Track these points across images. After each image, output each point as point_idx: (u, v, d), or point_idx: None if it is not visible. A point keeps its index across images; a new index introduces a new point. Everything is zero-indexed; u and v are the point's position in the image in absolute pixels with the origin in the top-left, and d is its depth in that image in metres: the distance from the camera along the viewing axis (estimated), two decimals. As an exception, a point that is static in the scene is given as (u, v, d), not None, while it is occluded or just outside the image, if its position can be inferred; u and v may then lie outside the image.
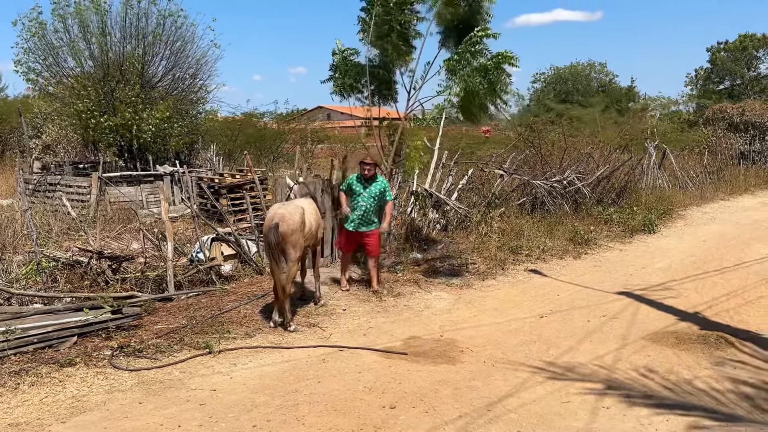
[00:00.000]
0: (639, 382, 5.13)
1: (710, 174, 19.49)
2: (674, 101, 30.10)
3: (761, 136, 24.66)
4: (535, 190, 12.86)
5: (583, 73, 33.14)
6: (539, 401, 4.81)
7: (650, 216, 12.96)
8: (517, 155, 14.23)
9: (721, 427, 4.33)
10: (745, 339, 6.17)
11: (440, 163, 11.66)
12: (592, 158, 14.72)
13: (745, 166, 21.94)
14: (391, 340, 6.25)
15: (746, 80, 36.77)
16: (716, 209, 15.94)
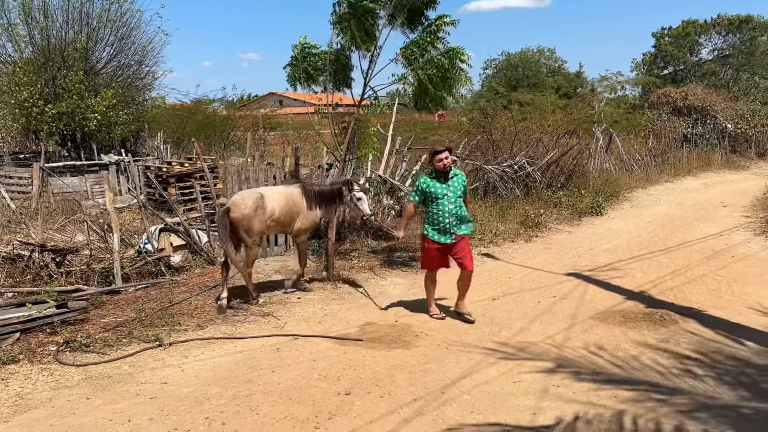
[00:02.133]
0: (588, 360, 5.28)
1: (655, 157, 20.12)
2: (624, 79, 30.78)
3: (703, 120, 25.59)
4: (488, 175, 13.02)
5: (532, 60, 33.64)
6: (492, 382, 4.89)
7: (598, 199, 13.31)
8: (470, 141, 14.35)
9: (664, 400, 4.49)
10: (688, 316, 6.41)
11: (394, 150, 11.66)
12: (542, 143, 14.98)
13: (688, 149, 22.73)
14: (347, 327, 6.24)
15: (689, 65, 37.95)
16: (661, 191, 16.48)
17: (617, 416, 4.23)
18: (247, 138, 13.07)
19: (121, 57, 17.51)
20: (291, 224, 7.04)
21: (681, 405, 4.40)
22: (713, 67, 36.86)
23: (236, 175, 8.27)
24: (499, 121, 16.29)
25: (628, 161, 18.66)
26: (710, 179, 19.03)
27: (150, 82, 18.90)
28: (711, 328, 6.03)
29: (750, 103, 28.84)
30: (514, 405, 4.47)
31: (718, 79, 35.79)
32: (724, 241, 9.98)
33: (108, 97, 15.61)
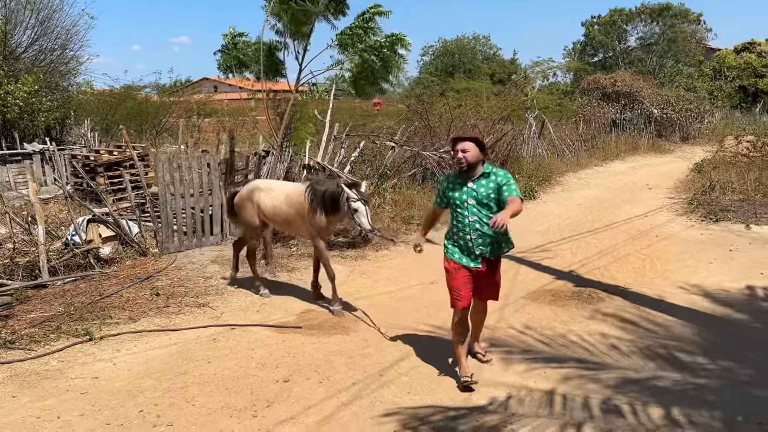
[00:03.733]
0: (519, 339, 5.46)
1: (585, 142, 20.78)
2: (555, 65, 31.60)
3: (631, 105, 26.58)
4: (425, 161, 13.15)
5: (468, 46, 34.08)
6: (430, 363, 5.00)
7: (531, 183, 13.69)
8: (407, 127, 14.45)
9: (591, 375, 4.71)
10: (614, 293, 6.72)
11: (332, 136, 11.61)
12: (477, 129, 15.23)
13: (616, 133, 23.57)
14: (286, 315, 6.22)
15: (617, 52, 39.31)
16: (590, 175, 17.07)
17: (548, 394, 4.41)
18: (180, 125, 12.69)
19: (43, 41, 16.67)
20: (294, 226, 6.46)
21: (607, 380, 4.63)
22: (640, 54, 38.30)
23: (167, 163, 8.05)
24: (436, 107, 16.44)
25: (560, 146, 19.22)
26: (637, 162, 19.82)
27: (75, 67, 18.08)
28: (635, 304, 6.34)
29: (675, 89, 30.15)
30: (449, 385, 4.59)
31: (645, 65, 37.21)
32: (649, 222, 10.47)
33: (29, 83, 14.83)
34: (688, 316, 5.94)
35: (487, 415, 4.08)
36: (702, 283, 6.96)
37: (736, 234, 9.32)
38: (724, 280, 7.05)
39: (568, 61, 37.83)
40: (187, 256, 7.99)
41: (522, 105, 19.19)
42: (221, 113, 25.38)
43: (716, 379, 4.61)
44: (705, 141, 25.14)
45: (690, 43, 37.81)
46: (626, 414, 4.05)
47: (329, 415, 4.15)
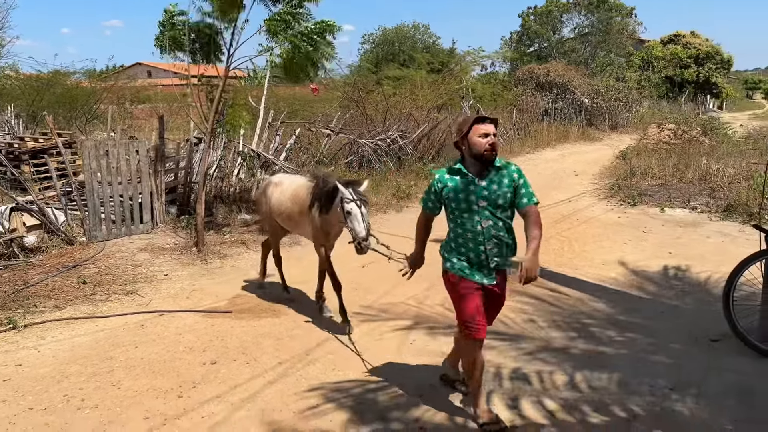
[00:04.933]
0: (443, 315, 5.72)
1: (518, 130, 21.41)
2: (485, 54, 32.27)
3: (563, 95, 27.47)
4: (362, 149, 13.32)
5: (408, 35, 34.34)
6: (356, 341, 5.18)
7: (465, 170, 14.04)
8: (343, 114, 14.57)
9: (508, 345, 5.03)
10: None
11: (267, 123, 11.61)
12: (413, 117, 15.51)
13: (548, 122, 24.35)
14: (216, 301, 6.28)
15: (552, 43, 40.40)
16: (522, 162, 17.60)
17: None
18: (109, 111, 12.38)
19: (-41, 22, 15.83)
20: (299, 226, 5.82)
21: (522, 350, 4.95)
22: (574, 44, 39.45)
23: (94, 150, 7.90)
24: (373, 95, 16.61)
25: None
26: (567, 150, 20.57)
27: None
28: (553, 282, 6.71)
29: (605, 79, 31.32)
30: (372, 360, 4.79)
31: (578, 56, 38.39)
32: (572, 206, 10.98)
33: (-54, 66, 14.12)
34: (601, 293, 6.36)
35: (404, 386, 4.31)
36: (616, 262, 7.42)
37: (651, 217, 9.91)
38: (637, 259, 7.53)
39: (505, 51, 38.62)
40: (116, 245, 7.90)
41: (457, 94, 19.56)
42: (156, 99, 24.73)
43: (620, 348, 4.99)
44: (633, 129, 26.28)
45: (622, 35, 39.23)
46: (533, 381, 4.36)
47: (255, 393, 4.28)
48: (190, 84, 8.16)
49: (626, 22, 39.61)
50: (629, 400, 4.07)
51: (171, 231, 8.61)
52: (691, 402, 4.03)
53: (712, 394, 4.12)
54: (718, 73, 39.86)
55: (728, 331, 4.97)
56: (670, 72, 38.62)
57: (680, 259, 7.43)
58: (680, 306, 5.96)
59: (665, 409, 3.94)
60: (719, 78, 40.02)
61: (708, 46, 40.00)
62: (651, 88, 35.25)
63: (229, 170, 10.52)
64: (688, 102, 35.89)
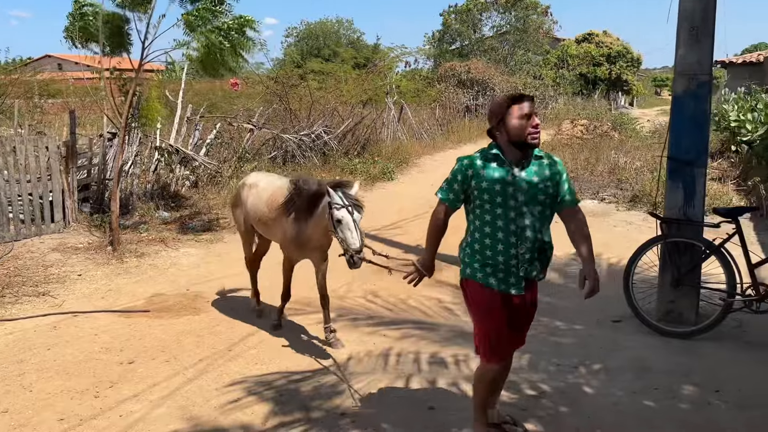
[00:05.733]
0: (365, 307, 5.85)
1: (441, 126, 21.87)
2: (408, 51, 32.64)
3: (483, 92, 28.26)
4: (286, 144, 13.26)
5: (332, 30, 34.32)
6: (279, 335, 5.22)
7: (389, 165, 14.27)
8: (266, 109, 14.43)
9: (426, 332, 5.21)
10: (452, 263, 7.28)
11: (185, 118, 11.35)
12: (338, 113, 15.56)
13: (469, 118, 25.00)
14: (133, 300, 6.14)
15: (473, 41, 41.36)
16: (445, 157, 18.00)
17: (385, 352, 4.81)
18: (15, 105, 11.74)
19: None
20: (273, 233, 5.19)
21: (438, 337, 5.14)
22: (493, 43, 40.56)
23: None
24: (297, 90, 16.54)
25: (418, 130, 20.08)
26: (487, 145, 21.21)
27: None
28: (471, 272, 6.96)
29: (524, 77, 32.44)
30: (296, 353, 4.85)
31: (498, 54, 39.50)
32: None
33: None
34: (515, 280, 6.64)
35: (328, 376, 4.40)
36: (530, 251, 7.77)
37: (564, 207, 10.42)
38: (549, 248, 7.91)
39: (429, 48, 39.22)
40: (25, 245, 7.54)
41: (382, 89, 19.76)
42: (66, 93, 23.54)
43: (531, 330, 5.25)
44: (549, 125, 27.32)
45: (539, 34, 40.66)
46: (450, 365, 4.55)
47: (174, 390, 4.24)
48: (103, 77, 7.88)
49: (542, 21, 41.08)
50: (538, 379, 4.32)
51: (85, 230, 8.30)
52: (593, 377, 4.33)
53: (613, 369, 4.44)
54: (628, 71, 41.94)
55: (629, 312, 5.35)
56: (584, 70, 40.29)
57: (589, 246, 7.87)
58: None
59: (570, 385, 4.22)
60: (630, 76, 42.12)
61: (619, 45, 42.02)
62: (566, 86, 36.76)
63: (146, 166, 10.23)
64: (601, 99, 37.66)
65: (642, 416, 3.78)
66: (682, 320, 5.19)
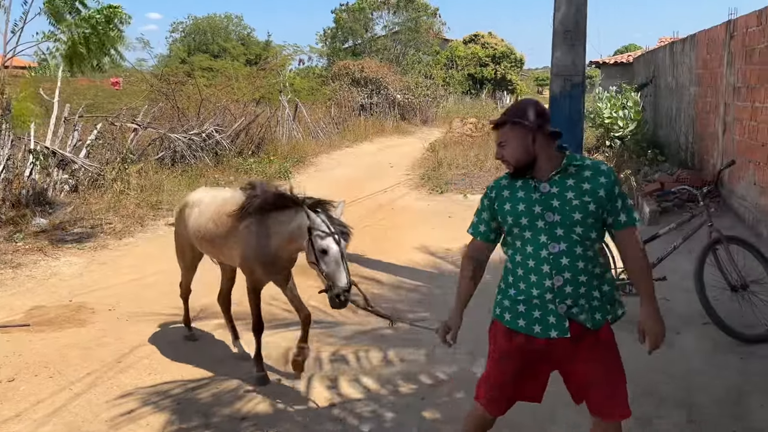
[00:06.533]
0: (264, 310, 5.71)
1: (337, 124, 21.94)
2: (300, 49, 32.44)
3: (377, 91, 28.62)
4: (174, 144, 12.77)
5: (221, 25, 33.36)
6: (173, 344, 5.05)
7: (286, 164, 14.15)
8: (151, 108, 13.83)
9: (327, 331, 5.25)
10: (353, 261, 7.34)
11: (63, 118, 10.63)
12: (230, 111, 15.20)
13: (365, 117, 25.24)
14: (10, 314, 5.70)
15: (365, 40, 41.76)
16: (342, 155, 18.13)
17: (285, 353, 4.80)
18: None
19: None
20: (227, 255, 4.49)
21: (340, 335, 5.19)
22: (386, 42, 41.18)
23: None
24: (186, 88, 15.97)
25: (314, 129, 20.03)
26: (383, 143, 21.52)
27: None
28: (370, 269, 7.07)
29: (415, 76, 33.17)
30: (193, 361, 4.70)
31: (390, 53, 40.12)
32: (388, 196, 11.59)
33: None
34: (412, 275, 6.84)
35: (226, 382, 4.32)
36: (426, 245, 8.01)
37: (456, 203, 10.82)
38: (443, 242, 8.18)
39: (321, 47, 39.18)
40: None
41: (275, 87, 19.53)
42: None
43: (428, 324, 5.42)
44: (441, 123, 28.20)
45: (429, 34, 41.75)
46: (351, 361, 4.62)
47: (60, 406, 4.00)
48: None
49: (432, 22, 42.25)
50: (435, 369, 4.48)
51: (-51, 241, 7.58)
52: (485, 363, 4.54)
53: (504, 355, 4.68)
54: (512, 71, 44.03)
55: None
56: (472, 70, 41.89)
57: (480, 239, 8.23)
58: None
59: (465, 372, 4.41)
60: (514, 75, 44.25)
61: (503, 46, 44.03)
62: (456, 85, 38.07)
63: (20, 170, 9.48)
64: (488, 98, 39.35)
65: (531, 397, 4.02)
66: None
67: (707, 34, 10.16)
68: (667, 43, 15.57)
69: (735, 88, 8.46)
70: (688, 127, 11.43)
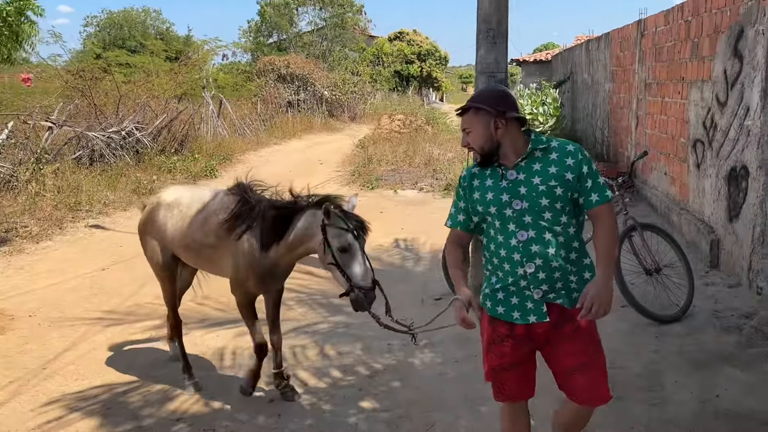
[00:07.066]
0: (195, 310, 5.65)
1: (264, 121, 21.59)
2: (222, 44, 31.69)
3: (304, 87, 28.39)
4: (92, 143, 12.24)
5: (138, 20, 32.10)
6: (99, 348, 4.89)
7: (212, 162, 13.84)
8: (66, 105, 13.19)
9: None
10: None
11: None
12: (150, 108, 14.72)
13: (292, 113, 24.99)
14: None
15: (291, 35, 41.30)
16: (270, 152, 17.90)
17: (219, 352, 4.74)
18: None
19: None
20: (218, 265, 3.98)
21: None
22: (311, 38, 40.89)
23: None
24: (103, 84, 15.32)
25: (240, 126, 19.64)
26: (312, 140, 21.40)
27: None
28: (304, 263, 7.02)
29: (342, 73, 33.12)
30: (121, 365, 4.58)
31: (316, 49, 39.88)
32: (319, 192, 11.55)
33: None
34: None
35: (158, 384, 4.23)
36: (357, 241, 8.06)
37: (386, 198, 10.93)
38: (375, 237, 8.24)
39: (245, 42, 38.47)
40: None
41: (198, 83, 19.03)
42: None
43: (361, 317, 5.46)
44: (369, 120, 28.32)
45: (355, 31, 41.77)
46: (287, 357, 4.61)
47: (-20, 419, 3.80)
48: None
49: (358, 19, 42.31)
50: (372, 360, 4.55)
51: None
52: (421, 352, 4.66)
53: (437, 342, 4.81)
54: (437, 69, 44.76)
55: (449, 291, 5.81)
56: (398, 67, 42.31)
57: (410, 233, 8.37)
58: (412, 272, 6.76)
59: (401, 361, 4.51)
60: (439, 73, 44.99)
61: (428, 43, 44.69)
62: (383, 82, 38.34)
63: None
64: (415, 94, 39.86)
65: (464, 381, 4.16)
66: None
67: (620, 32, 10.74)
68: (583, 42, 16.30)
69: (646, 84, 8.99)
70: (603, 122, 12.05)
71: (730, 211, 5.89)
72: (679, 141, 7.45)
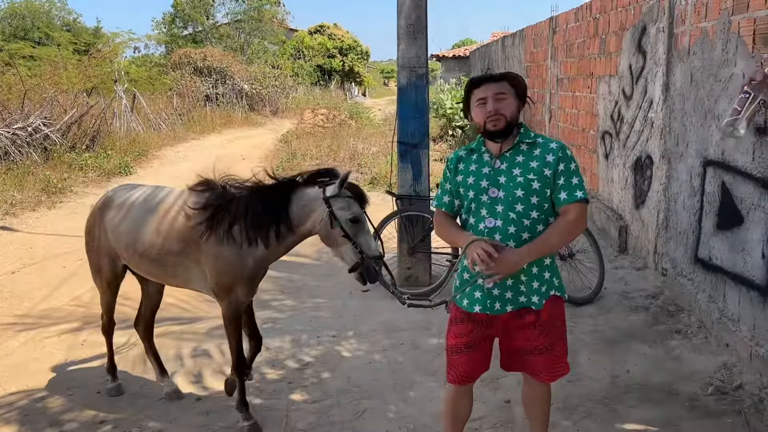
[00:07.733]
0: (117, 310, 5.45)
1: (181, 116, 20.94)
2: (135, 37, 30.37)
3: (223, 80, 27.72)
4: (-5, 140, 11.50)
5: (42, 10, 30.22)
6: (12, 354, 4.68)
7: (126, 159, 13.32)
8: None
9: (187, 327, 5.13)
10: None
11: None
12: (59, 102, 13.98)
13: (211, 108, 24.35)
14: None
15: (207, 27, 40.15)
16: (188, 148, 17.41)
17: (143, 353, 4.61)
18: None
19: None
20: (181, 273, 3.49)
21: (200, 330, 5.09)
22: (229, 30, 39.91)
23: None
24: (6, 78, 14.40)
25: (156, 121, 18.97)
26: (233, 135, 20.96)
27: None
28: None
29: (262, 66, 32.54)
30: (38, 369, 4.39)
31: (234, 42, 38.97)
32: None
33: None
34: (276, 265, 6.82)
35: (79, 390, 4.09)
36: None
37: (311, 192, 10.91)
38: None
39: (158, 34, 37.08)
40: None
41: (109, 77, 18.21)
42: None
43: (291, 312, 5.51)
44: (292, 114, 28.03)
45: (273, 23, 41.11)
46: (214, 354, 4.58)
47: None
48: None
49: (276, 11, 41.65)
50: (302, 353, 4.58)
51: None
52: (349, 343, 4.74)
53: (366, 333, 4.90)
54: (359, 63, 44.83)
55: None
56: (320, 61, 42.04)
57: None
58: (339, 266, 6.80)
59: (330, 353, 4.56)
60: (361, 67, 45.07)
61: (350, 38, 44.65)
62: (304, 76, 37.98)
63: None
64: (337, 89, 39.76)
65: (392, 368, 4.27)
66: (419, 282, 5.93)
67: (533, 29, 11.19)
68: (499, 38, 16.84)
69: (558, 79, 9.43)
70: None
71: (636, 199, 6.31)
72: (589, 133, 7.88)
